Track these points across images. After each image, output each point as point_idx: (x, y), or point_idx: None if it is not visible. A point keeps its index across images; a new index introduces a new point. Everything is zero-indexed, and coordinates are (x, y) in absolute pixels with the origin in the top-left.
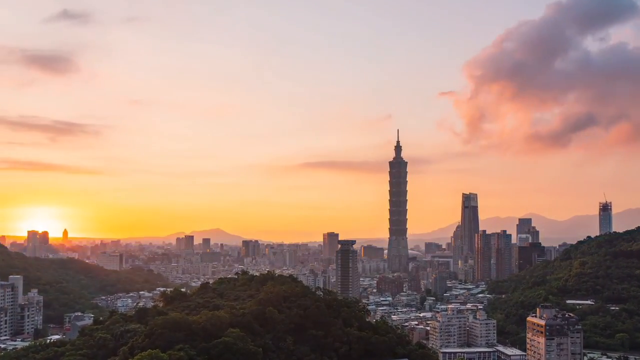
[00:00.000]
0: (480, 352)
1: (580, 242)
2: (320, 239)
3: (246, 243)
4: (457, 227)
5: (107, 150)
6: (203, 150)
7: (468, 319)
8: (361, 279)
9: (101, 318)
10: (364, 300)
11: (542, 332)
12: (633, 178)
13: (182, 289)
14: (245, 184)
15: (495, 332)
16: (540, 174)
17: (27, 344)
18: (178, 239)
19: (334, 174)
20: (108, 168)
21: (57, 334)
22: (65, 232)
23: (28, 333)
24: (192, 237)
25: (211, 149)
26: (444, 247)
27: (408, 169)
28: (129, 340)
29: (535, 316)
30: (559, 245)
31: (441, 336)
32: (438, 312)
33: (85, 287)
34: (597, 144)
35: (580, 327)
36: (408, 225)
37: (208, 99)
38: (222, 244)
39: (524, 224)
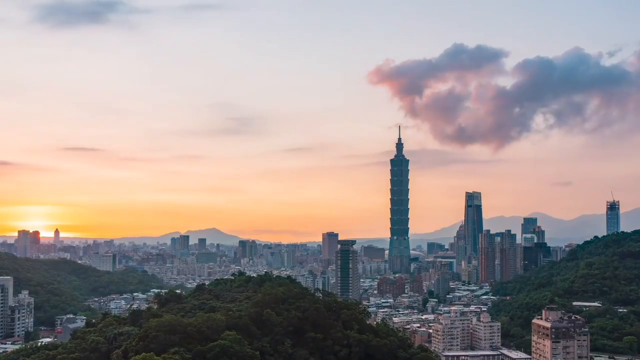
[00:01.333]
0: (484, 356)
1: (587, 242)
2: (319, 239)
3: (243, 243)
4: (461, 226)
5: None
6: (198, 146)
7: (471, 321)
8: (361, 280)
9: (94, 320)
10: (364, 302)
11: (547, 335)
12: None
13: (177, 291)
14: (241, 182)
15: (499, 334)
16: (546, 171)
17: (17, 347)
18: (173, 239)
19: (333, 172)
20: (99, 165)
21: (48, 337)
22: (56, 232)
23: (19, 336)
24: (188, 237)
25: (206, 145)
26: (446, 247)
27: (410, 167)
28: (123, 343)
29: (541, 318)
30: (565, 246)
31: (444, 339)
32: (441, 314)
33: (77, 288)
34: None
35: (587, 329)
36: (410, 225)
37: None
38: (218, 244)
39: (529, 224)
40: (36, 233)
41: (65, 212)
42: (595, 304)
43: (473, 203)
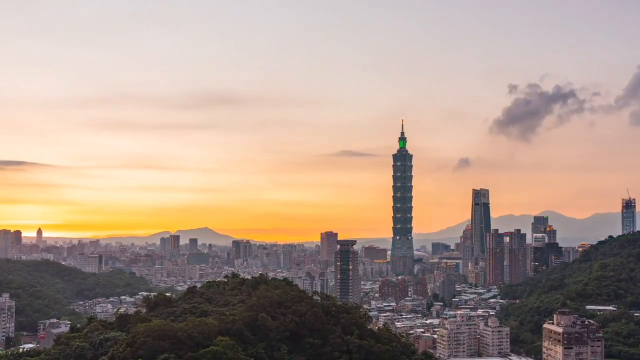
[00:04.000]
0: None
1: (601, 243)
2: (317, 239)
3: (236, 243)
4: (467, 226)
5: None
6: (189, 141)
7: (479, 326)
8: (362, 282)
9: (78, 325)
10: (365, 306)
11: (559, 341)
12: None
13: (167, 294)
14: (235, 178)
15: (508, 340)
16: (557, 167)
17: None
18: (162, 239)
19: (332, 168)
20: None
21: (30, 343)
22: (39, 231)
23: None
24: (178, 236)
25: (198, 140)
26: (452, 247)
27: (413, 163)
28: (109, 350)
29: (552, 323)
30: (578, 246)
31: (449, 345)
32: (446, 318)
33: (61, 291)
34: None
35: (601, 335)
36: (413, 224)
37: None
38: (210, 245)
39: (540, 223)
40: (18, 232)
41: (49, 210)
42: (610, 307)
43: (480, 201)
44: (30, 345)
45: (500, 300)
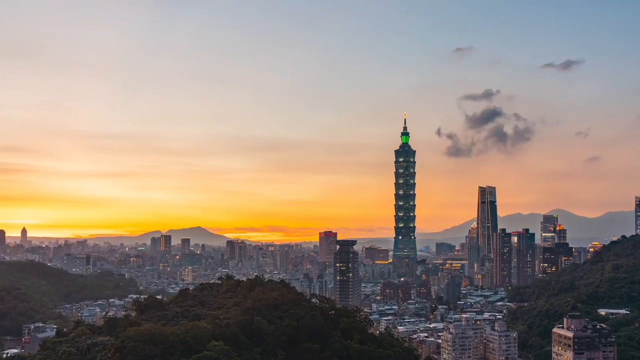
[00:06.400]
0: None
1: (613, 243)
2: (315, 239)
3: (231, 243)
4: (473, 225)
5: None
6: (180, 136)
7: (485, 330)
8: (363, 284)
9: (65, 329)
10: (365, 309)
11: (569, 346)
12: None
13: (158, 296)
14: (230, 176)
15: (516, 345)
16: (566, 163)
17: None
18: (153, 239)
19: (332, 164)
20: (73, 158)
21: (14, 348)
22: (23, 231)
23: None
24: (170, 236)
25: (190, 136)
26: (457, 248)
27: (417, 159)
28: (97, 355)
29: (562, 327)
30: (590, 246)
31: (454, 350)
32: (451, 322)
33: (47, 293)
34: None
35: (613, 339)
36: (416, 223)
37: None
38: (203, 245)
39: (549, 222)
40: (1, 232)
41: (35, 209)
42: (623, 311)
43: (487, 199)
44: (15, 351)
45: (507, 303)
